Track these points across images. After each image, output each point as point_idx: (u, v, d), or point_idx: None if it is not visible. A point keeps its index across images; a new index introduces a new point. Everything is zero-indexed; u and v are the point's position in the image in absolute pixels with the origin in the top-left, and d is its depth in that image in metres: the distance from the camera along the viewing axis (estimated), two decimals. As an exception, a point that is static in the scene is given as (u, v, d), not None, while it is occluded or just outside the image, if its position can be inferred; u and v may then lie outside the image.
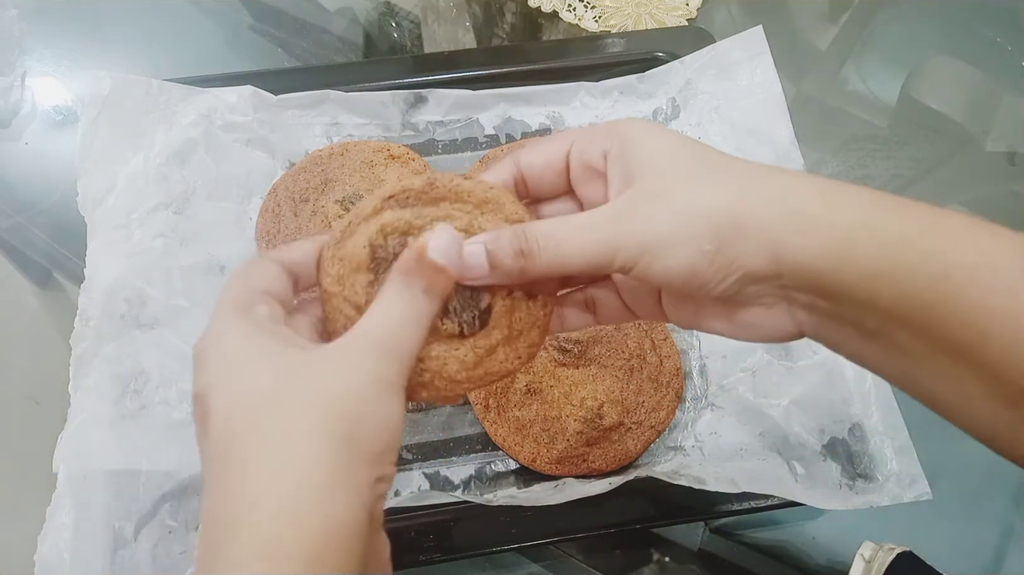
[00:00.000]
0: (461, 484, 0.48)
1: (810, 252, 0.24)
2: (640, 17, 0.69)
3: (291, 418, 0.22)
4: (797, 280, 0.25)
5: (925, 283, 0.23)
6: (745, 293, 0.26)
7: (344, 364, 0.24)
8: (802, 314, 0.26)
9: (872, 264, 0.23)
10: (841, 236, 0.24)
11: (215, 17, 0.68)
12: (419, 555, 0.43)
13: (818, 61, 0.69)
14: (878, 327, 0.24)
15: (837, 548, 0.47)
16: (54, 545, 0.41)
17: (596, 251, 0.26)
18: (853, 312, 0.24)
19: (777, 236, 0.24)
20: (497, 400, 0.49)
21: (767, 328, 0.27)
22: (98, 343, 0.46)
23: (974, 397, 0.23)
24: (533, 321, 0.29)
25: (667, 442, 0.49)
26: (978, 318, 0.22)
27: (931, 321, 0.23)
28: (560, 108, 0.61)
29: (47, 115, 0.62)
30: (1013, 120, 0.65)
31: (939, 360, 0.23)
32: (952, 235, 0.23)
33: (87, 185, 0.50)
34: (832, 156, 0.62)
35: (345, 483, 0.22)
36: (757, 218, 0.25)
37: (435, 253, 0.26)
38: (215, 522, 0.21)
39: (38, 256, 0.56)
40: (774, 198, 0.25)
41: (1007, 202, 0.61)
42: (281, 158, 0.58)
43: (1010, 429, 0.23)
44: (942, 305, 0.22)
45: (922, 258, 0.23)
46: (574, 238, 0.26)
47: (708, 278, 0.25)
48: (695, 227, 0.25)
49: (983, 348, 0.22)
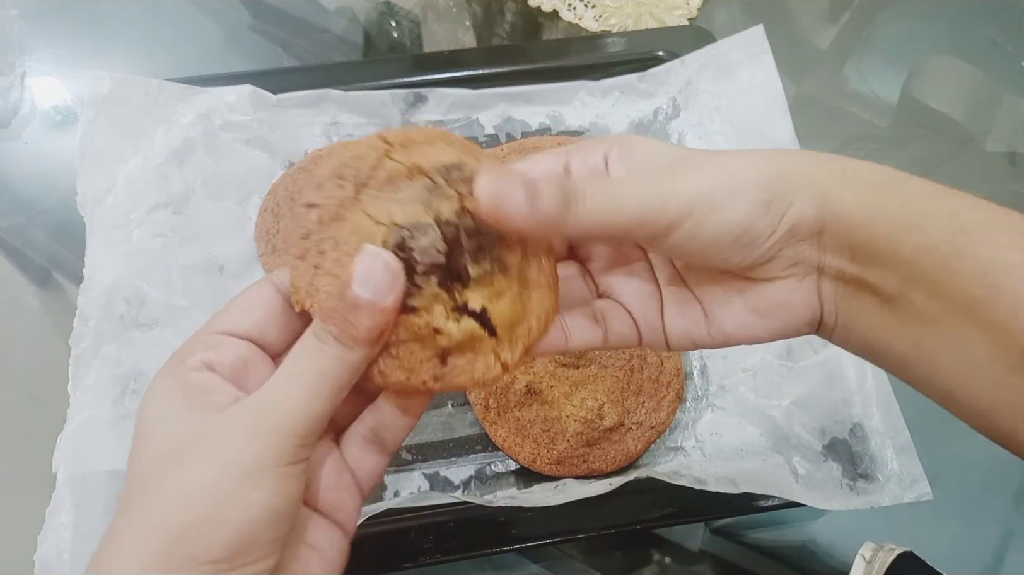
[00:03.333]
0: (461, 485, 0.48)
1: (851, 204, 0.25)
2: (640, 16, 0.69)
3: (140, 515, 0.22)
4: (836, 235, 0.26)
5: (946, 234, 0.24)
6: (783, 257, 0.26)
7: (211, 450, 0.22)
8: (828, 287, 0.27)
9: (901, 215, 0.25)
10: (876, 190, 0.25)
11: (215, 17, 0.68)
12: (419, 556, 0.43)
13: (819, 60, 0.69)
14: (898, 289, 0.25)
15: (838, 548, 0.47)
16: (54, 545, 0.41)
17: (645, 203, 0.25)
18: (878, 274, 0.25)
19: (823, 186, 0.26)
20: (497, 400, 0.49)
21: (790, 310, 0.27)
22: (97, 343, 0.46)
23: (979, 362, 0.24)
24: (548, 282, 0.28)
25: (668, 443, 0.49)
26: (991, 270, 0.23)
27: (948, 275, 0.24)
28: (560, 107, 0.61)
29: (47, 115, 0.62)
30: (1013, 120, 0.65)
31: (950, 322, 0.24)
32: (970, 199, 0.25)
33: (86, 185, 0.50)
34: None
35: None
36: (804, 170, 0.26)
37: (361, 288, 0.23)
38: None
39: (37, 256, 0.56)
40: (817, 157, 0.26)
41: (1008, 202, 0.60)
42: (281, 158, 0.58)
43: (1013, 395, 0.23)
44: (959, 257, 0.24)
45: (944, 212, 0.25)
46: (623, 189, 0.25)
47: (760, 231, 0.25)
48: (747, 179, 0.26)
49: (994, 302, 0.23)
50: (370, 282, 0.23)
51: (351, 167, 0.26)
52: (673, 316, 0.29)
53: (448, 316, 0.25)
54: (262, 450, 0.22)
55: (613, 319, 0.29)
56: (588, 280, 0.31)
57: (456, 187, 0.25)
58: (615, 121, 0.61)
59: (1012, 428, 0.24)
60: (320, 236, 0.25)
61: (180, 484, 0.22)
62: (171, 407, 0.24)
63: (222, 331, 0.25)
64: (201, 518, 0.21)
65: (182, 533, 0.21)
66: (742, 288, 0.28)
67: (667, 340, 0.30)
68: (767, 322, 0.28)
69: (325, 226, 0.25)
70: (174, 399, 0.24)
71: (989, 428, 0.25)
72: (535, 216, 0.24)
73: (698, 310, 0.29)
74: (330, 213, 0.25)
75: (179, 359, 0.25)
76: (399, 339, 0.25)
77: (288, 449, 0.23)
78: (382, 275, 0.23)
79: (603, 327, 0.29)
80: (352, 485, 0.27)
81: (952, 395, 0.25)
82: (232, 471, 0.22)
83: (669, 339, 0.30)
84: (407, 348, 0.25)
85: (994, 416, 0.24)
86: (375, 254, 0.23)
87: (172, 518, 0.21)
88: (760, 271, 0.27)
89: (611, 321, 0.29)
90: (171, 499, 0.22)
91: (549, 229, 0.24)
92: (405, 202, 0.25)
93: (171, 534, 0.21)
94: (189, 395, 0.24)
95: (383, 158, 0.26)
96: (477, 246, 0.25)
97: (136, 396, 0.46)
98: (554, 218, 0.24)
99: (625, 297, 0.30)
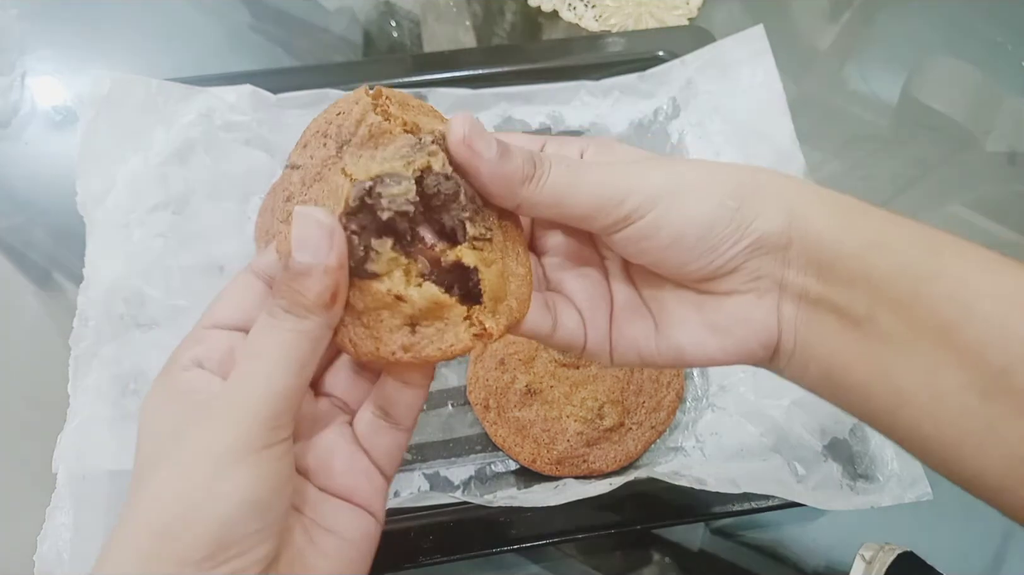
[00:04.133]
0: (461, 485, 0.48)
1: (820, 220, 0.25)
2: (640, 16, 0.69)
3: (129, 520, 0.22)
4: (803, 251, 0.25)
5: (918, 255, 0.24)
6: (746, 269, 0.26)
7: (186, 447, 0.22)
8: (789, 308, 0.26)
9: (871, 233, 0.24)
10: (845, 210, 0.25)
11: (215, 17, 0.68)
12: (419, 556, 0.43)
13: (819, 60, 0.69)
14: (864, 310, 0.24)
15: (838, 549, 0.47)
16: (54, 545, 0.41)
17: (610, 186, 0.25)
18: (844, 294, 0.25)
19: (794, 201, 0.25)
20: (497, 401, 0.49)
21: (748, 328, 0.26)
22: (97, 343, 0.46)
23: (948, 389, 0.23)
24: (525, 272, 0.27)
25: (668, 443, 0.49)
26: (963, 293, 0.23)
27: (919, 296, 0.23)
28: (560, 107, 0.61)
29: (47, 115, 0.62)
30: (1014, 120, 0.65)
31: (919, 346, 0.23)
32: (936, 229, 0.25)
33: (86, 185, 0.50)
34: (833, 156, 0.62)
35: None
36: (777, 184, 0.26)
37: (300, 253, 0.22)
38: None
39: (37, 256, 0.56)
40: (786, 176, 0.26)
41: (1008, 202, 0.61)
42: (281, 158, 0.58)
43: (982, 426, 0.22)
44: (931, 279, 0.23)
45: (915, 235, 0.24)
46: (589, 170, 0.25)
47: (724, 235, 0.25)
48: (719, 181, 0.25)
49: (966, 325, 0.22)
50: (308, 244, 0.22)
51: (334, 124, 0.24)
52: (622, 324, 0.29)
53: (409, 281, 0.23)
54: (231, 439, 0.22)
55: (563, 313, 0.28)
56: (540, 275, 0.30)
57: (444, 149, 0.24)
58: (615, 121, 0.61)
59: (980, 466, 0.23)
60: (302, 198, 0.24)
61: (158, 486, 0.22)
62: (161, 409, 0.24)
63: (209, 325, 0.25)
64: (177, 518, 0.21)
65: (165, 534, 0.21)
66: (699, 302, 0.27)
67: (612, 349, 0.28)
68: (722, 339, 0.27)
69: (308, 187, 0.24)
70: (165, 401, 0.24)
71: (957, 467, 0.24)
72: (500, 170, 0.24)
73: (649, 322, 0.28)
74: (312, 174, 0.24)
75: (172, 360, 0.25)
76: (367, 307, 0.24)
77: (258, 434, 0.22)
78: (316, 234, 0.22)
79: (553, 317, 0.28)
80: (369, 466, 0.27)
81: (918, 428, 0.24)
82: (203, 466, 0.21)
83: (614, 348, 0.28)
84: (375, 316, 0.24)
85: (962, 451, 0.23)
86: (305, 215, 0.22)
87: (153, 520, 0.21)
88: (720, 283, 0.26)
89: (561, 314, 0.28)
90: (151, 501, 0.22)
91: (509, 190, 0.24)
92: (387, 158, 0.24)
93: (155, 536, 0.21)
94: (177, 395, 0.24)
95: (367, 112, 0.24)
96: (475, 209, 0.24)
97: (136, 396, 0.46)
98: (518, 180, 0.24)
99: (576, 295, 0.29)
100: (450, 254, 0.24)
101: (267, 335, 0.23)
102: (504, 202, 0.25)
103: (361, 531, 0.26)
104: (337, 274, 0.22)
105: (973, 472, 0.23)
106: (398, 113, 0.25)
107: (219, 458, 0.21)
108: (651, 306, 0.29)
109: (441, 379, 0.51)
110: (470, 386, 0.50)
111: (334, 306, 0.23)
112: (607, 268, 0.30)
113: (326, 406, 0.28)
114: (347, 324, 0.24)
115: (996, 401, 0.22)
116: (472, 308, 0.25)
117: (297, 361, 0.23)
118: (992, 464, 0.23)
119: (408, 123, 0.25)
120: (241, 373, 0.23)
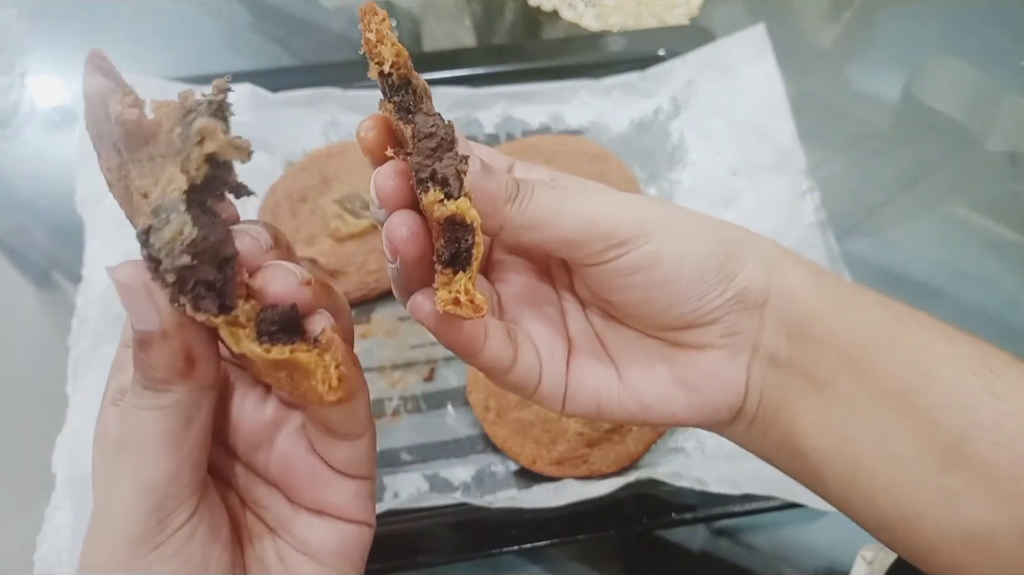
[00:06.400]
0: (461, 486, 0.48)
1: (795, 277, 0.25)
2: (641, 15, 0.69)
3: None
4: (778, 308, 0.25)
5: (879, 320, 0.24)
6: (725, 322, 0.25)
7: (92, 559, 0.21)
8: (758, 371, 0.26)
9: (838, 297, 0.25)
10: (817, 274, 0.26)
11: (215, 17, 0.68)
12: (418, 557, 0.43)
13: (820, 60, 0.69)
14: (827, 374, 0.24)
15: (839, 549, 0.47)
16: (54, 545, 0.41)
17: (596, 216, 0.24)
18: (810, 355, 0.25)
19: (771, 258, 0.26)
20: (497, 401, 0.49)
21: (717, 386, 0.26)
22: (96, 343, 0.46)
23: (905, 458, 0.23)
24: None
25: (668, 443, 0.49)
26: (924, 359, 0.23)
27: (879, 361, 0.24)
28: (561, 107, 0.61)
29: (46, 115, 0.62)
30: (1014, 120, 0.64)
31: (878, 412, 0.23)
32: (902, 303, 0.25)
33: (86, 185, 0.50)
34: (834, 155, 0.62)
35: None
36: (759, 243, 0.26)
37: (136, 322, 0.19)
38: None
39: (36, 256, 0.55)
40: (762, 236, 0.27)
41: (1008, 202, 0.61)
42: (280, 158, 0.58)
43: (939, 498, 0.22)
44: (892, 344, 0.24)
45: (877, 302, 0.25)
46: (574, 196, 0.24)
47: (713, 284, 0.25)
48: (707, 229, 0.26)
49: (925, 390, 0.23)
50: (134, 310, 0.19)
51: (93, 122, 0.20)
52: (582, 369, 0.27)
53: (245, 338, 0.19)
54: (117, 552, 0.20)
55: (522, 347, 0.26)
56: (496, 302, 0.28)
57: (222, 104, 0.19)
58: (615, 120, 0.61)
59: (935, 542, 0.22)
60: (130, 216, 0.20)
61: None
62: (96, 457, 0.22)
63: (125, 343, 0.23)
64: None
65: None
66: (667, 355, 0.26)
67: (566, 395, 0.27)
68: (690, 396, 0.26)
69: (128, 203, 0.20)
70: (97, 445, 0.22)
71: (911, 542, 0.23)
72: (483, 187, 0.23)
73: (611, 370, 0.27)
74: (122, 188, 0.20)
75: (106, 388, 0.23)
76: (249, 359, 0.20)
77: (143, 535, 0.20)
78: (133, 299, 0.19)
79: (514, 348, 0.26)
80: (331, 477, 0.24)
81: (874, 499, 0.24)
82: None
83: (570, 395, 0.26)
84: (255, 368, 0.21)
85: (917, 524, 0.23)
86: (117, 276, 0.19)
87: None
88: (698, 334, 0.26)
89: (520, 348, 0.26)
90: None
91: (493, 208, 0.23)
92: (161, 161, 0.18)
93: None
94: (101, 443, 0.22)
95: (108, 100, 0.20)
96: None
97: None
98: (501, 199, 0.23)
99: (533, 331, 0.27)
100: (449, 205, 0.21)
101: (129, 420, 0.20)
102: (485, 220, 0.23)
103: (341, 544, 0.24)
104: (180, 335, 0.19)
105: (928, 548, 0.23)
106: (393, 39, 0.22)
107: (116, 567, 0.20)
108: (613, 354, 0.27)
109: (441, 380, 0.51)
110: (470, 387, 0.49)
111: (194, 370, 0.20)
112: (564, 308, 0.28)
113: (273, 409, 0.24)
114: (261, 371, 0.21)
115: (953, 471, 0.22)
116: (456, 275, 0.22)
117: (167, 442, 0.20)
118: (948, 540, 0.22)
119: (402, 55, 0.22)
120: (111, 470, 0.21)
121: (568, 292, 0.29)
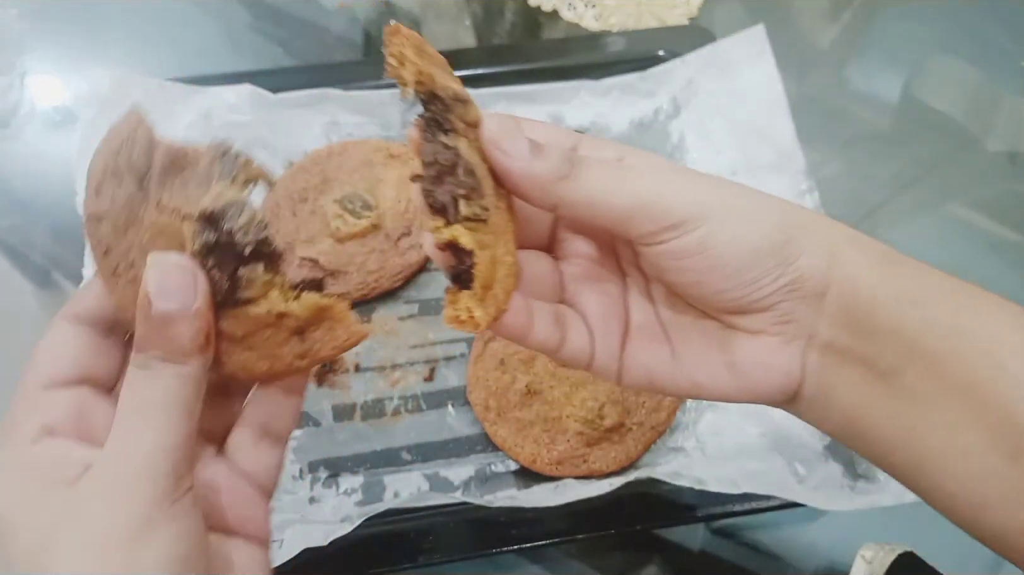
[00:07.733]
0: (461, 485, 0.48)
1: (861, 267, 0.25)
2: (641, 15, 0.69)
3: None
4: (838, 299, 0.25)
5: (952, 312, 0.23)
6: (779, 310, 0.25)
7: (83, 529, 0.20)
8: (814, 355, 0.25)
9: (906, 286, 0.24)
10: (883, 259, 0.25)
11: (215, 17, 0.68)
12: (419, 556, 0.43)
13: (820, 60, 0.69)
14: (892, 365, 0.24)
15: (838, 549, 0.47)
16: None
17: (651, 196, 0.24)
18: (873, 346, 0.24)
19: (835, 246, 0.25)
20: (497, 401, 0.49)
21: (768, 374, 0.26)
22: (97, 343, 0.46)
23: (973, 450, 0.23)
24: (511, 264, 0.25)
25: (668, 443, 0.49)
26: (996, 351, 0.22)
27: (948, 353, 0.23)
28: (561, 107, 0.61)
29: (46, 115, 0.62)
30: (1014, 120, 0.64)
31: (946, 404, 0.23)
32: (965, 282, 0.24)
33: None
34: (834, 156, 0.62)
35: None
36: (821, 225, 0.25)
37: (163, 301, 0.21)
38: None
39: (37, 256, 0.55)
40: (828, 219, 0.26)
41: (1009, 202, 0.61)
42: (280, 158, 0.58)
43: (1007, 486, 0.22)
44: (964, 335, 0.23)
45: (947, 290, 0.24)
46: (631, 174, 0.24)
47: (768, 269, 0.24)
48: (766, 210, 0.25)
49: (996, 383, 0.22)
50: (169, 292, 0.21)
51: (123, 156, 0.23)
52: (636, 348, 0.28)
53: (286, 296, 0.23)
54: (139, 503, 0.20)
55: (572, 329, 0.27)
56: (557, 281, 0.29)
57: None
58: (615, 120, 0.61)
59: (1001, 524, 0.23)
60: (122, 248, 0.23)
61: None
62: (24, 492, 0.21)
63: (42, 385, 0.23)
64: None
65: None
66: (723, 338, 0.26)
67: (621, 370, 0.27)
68: (741, 381, 0.26)
69: (122, 234, 0.23)
70: (24, 481, 0.21)
71: (979, 525, 0.23)
72: (531, 170, 0.23)
73: (666, 348, 0.27)
74: (122, 219, 0.23)
75: (10, 432, 0.22)
76: (248, 331, 0.23)
77: (165, 489, 0.21)
78: (179, 280, 0.21)
79: (561, 332, 0.27)
80: (252, 494, 0.25)
81: (941, 487, 0.24)
82: (118, 538, 0.20)
83: (624, 370, 0.27)
84: (259, 337, 0.23)
85: (985, 511, 0.23)
86: (161, 262, 0.21)
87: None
88: (751, 319, 0.25)
89: (569, 330, 0.27)
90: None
91: (543, 190, 0.24)
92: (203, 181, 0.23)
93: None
94: (37, 474, 0.21)
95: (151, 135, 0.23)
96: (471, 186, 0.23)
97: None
98: (551, 179, 0.24)
99: (590, 310, 0.28)
100: (444, 232, 0.23)
101: (148, 387, 0.21)
102: (539, 202, 0.25)
103: (258, 563, 0.25)
104: (205, 315, 0.22)
105: (996, 532, 0.23)
106: (414, 59, 0.24)
107: (134, 525, 0.20)
108: (671, 334, 0.28)
109: (441, 379, 0.51)
110: (470, 386, 0.49)
111: (208, 347, 0.22)
112: (627, 286, 0.29)
113: None
114: (229, 353, 0.23)
115: (1022, 463, 0.22)
116: (460, 293, 0.24)
117: (185, 408, 0.21)
118: (1015, 526, 0.22)
119: (424, 73, 0.24)
120: (128, 430, 0.21)
121: (634, 268, 0.29)
